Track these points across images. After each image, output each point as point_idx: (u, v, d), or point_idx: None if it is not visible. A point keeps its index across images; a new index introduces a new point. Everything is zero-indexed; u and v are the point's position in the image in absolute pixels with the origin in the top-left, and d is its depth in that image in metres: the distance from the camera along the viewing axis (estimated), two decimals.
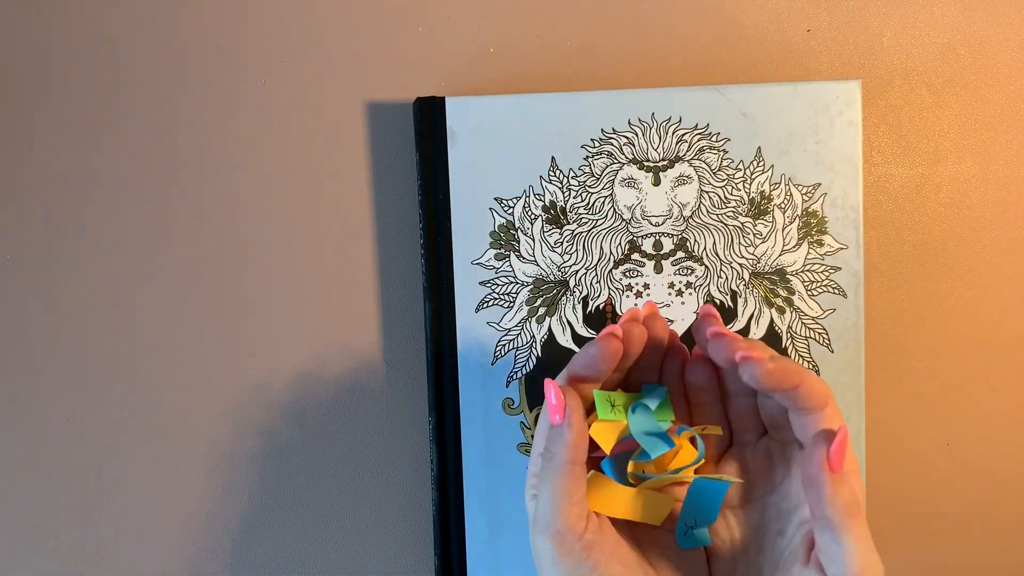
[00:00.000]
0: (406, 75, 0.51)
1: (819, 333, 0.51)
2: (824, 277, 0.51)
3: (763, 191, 0.50)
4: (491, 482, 0.52)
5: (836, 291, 0.51)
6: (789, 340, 0.51)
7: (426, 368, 0.52)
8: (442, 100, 0.50)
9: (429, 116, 0.50)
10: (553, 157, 0.50)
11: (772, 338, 0.51)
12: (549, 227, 0.51)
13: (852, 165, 0.50)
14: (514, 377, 0.51)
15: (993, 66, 0.53)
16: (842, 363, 0.51)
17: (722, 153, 0.50)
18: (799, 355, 0.51)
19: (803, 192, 0.50)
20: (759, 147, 0.50)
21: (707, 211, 0.50)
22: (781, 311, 0.51)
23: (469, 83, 0.52)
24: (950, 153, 0.53)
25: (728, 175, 0.50)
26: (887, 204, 0.54)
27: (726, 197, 0.50)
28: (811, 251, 0.51)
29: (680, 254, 0.51)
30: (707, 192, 0.50)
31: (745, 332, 0.51)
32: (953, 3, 0.53)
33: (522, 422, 0.52)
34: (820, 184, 0.50)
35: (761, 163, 0.50)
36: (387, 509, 0.53)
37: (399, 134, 0.51)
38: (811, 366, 0.51)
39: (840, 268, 0.51)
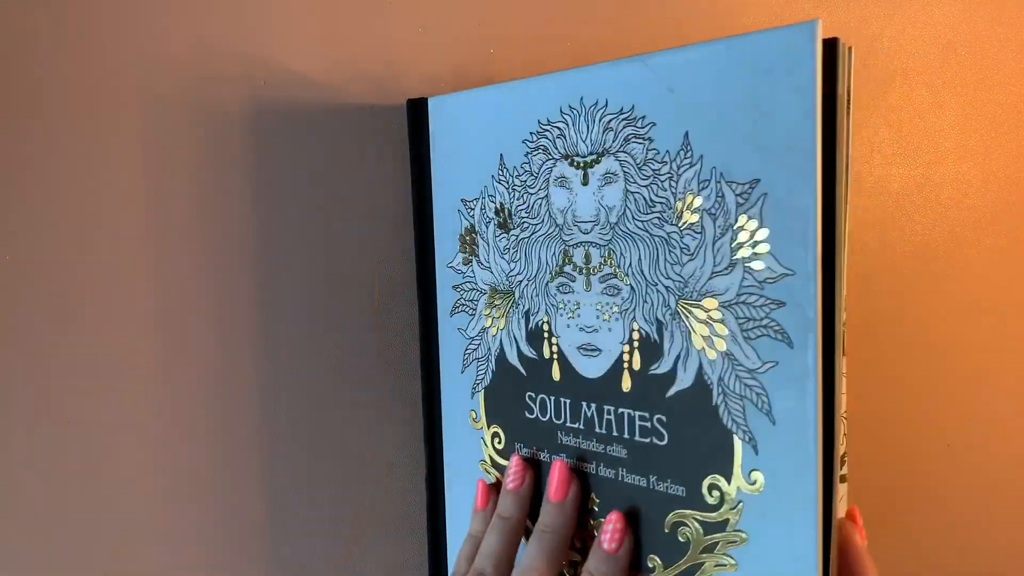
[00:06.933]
0: (406, 75, 0.51)
1: (757, 393, 0.36)
2: (763, 314, 0.35)
3: (691, 191, 0.37)
4: (464, 492, 0.50)
5: (779, 337, 0.35)
6: (721, 397, 0.37)
7: (420, 369, 0.52)
8: (426, 101, 0.50)
9: (416, 117, 0.50)
10: (501, 155, 0.46)
11: (701, 392, 0.38)
12: (499, 231, 0.46)
13: (803, 152, 0.34)
14: (476, 389, 0.49)
15: (993, 66, 0.54)
16: (785, 445, 0.35)
17: (647, 142, 0.39)
18: (734, 420, 0.37)
19: (737, 192, 0.36)
20: (686, 132, 0.37)
21: (632, 217, 0.40)
22: (712, 356, 0.37)
23: (469, 84, 0.50)
24: (950, 153, 0.54)
25: (653, 171, 0.39)
26: (888, 204, 0.52)
27: (651, 199, 0.39)
28: (747, 276, 0.36)
29: (607, 269, 0.41)
30: (632, 193, 0.40)
31: (671, 378, 0.39)
32: (953, 3, 0.53)
33: (482, 438, 0.49)
34: (759, 180, 0.35)
35: (689, 153, 0.37)
36: (385, 509, 0.54)
37: (398, 135, 0.52)
38: (748, 440, 0.36)
39: (784, 304, 0.35)
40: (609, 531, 0.40)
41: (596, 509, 0.43)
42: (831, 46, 0.34)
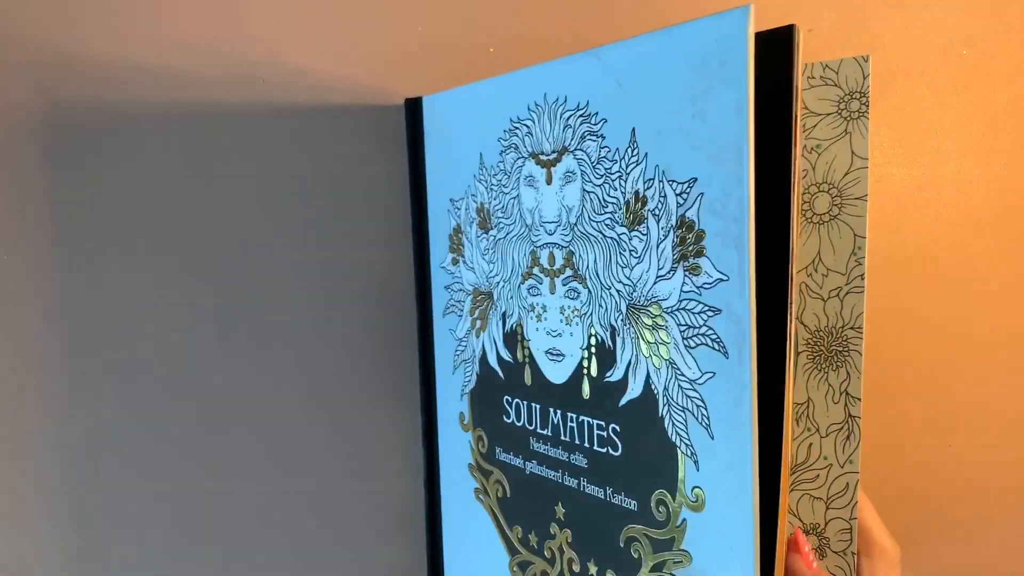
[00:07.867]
0: (404, 74, 0.51)
1: (697, 405, 0.34)
2: (701, 322, 0.33)
3: (637, 190, 0.36)
4: (455, 495, 0.50)
5: (716, 346, 0.33)
6: (666, 408, 0.35)
7: (418, 370, 0.52)
8: (421, 100, 0.49)
9: (413, 116, 0.50)
10: (481, 154, 0.45)
11: (649, 402, 0.36)
12: (480, 232, 0.46)
13: (735, 151, 0.31)
14: (464, 391, 0.48)
15: (994, 66, 0.53)
16: (723, 461, 0.33)
17: (600, 139, 0.37)
18: (677, 433, 0.35)
19: (677, 192, 0.34)
20: (633, 128, 0.35)
21: (589, 217, 0.38)
22: (658, 364, 0.35)
23: (468, 83, 0.50)
24: (952, 153, 0.53)
25: (606, 169, 0.37)
26: (889, 204, 0.52)
27: (604, 199, 0.37)
28: (687, 280, 0.34)
29: (568, 272, 0.40)
30: (588, 192, 0.38)
31: (623, 386, 0.37)
32: (953, 3, 0.53)
33: (469, 441, 0.48)
34: (696, 179, 0.33)
35: (635, 151, 0.36)
36: (385, 510, 0.54)
37: (396, 135, 0.52)
38: (690, 454, 0.34)
39: (720, 311, 0.32)
40: None
41: (562, 519, 0.42)
42: (782, 36, 0.31)
